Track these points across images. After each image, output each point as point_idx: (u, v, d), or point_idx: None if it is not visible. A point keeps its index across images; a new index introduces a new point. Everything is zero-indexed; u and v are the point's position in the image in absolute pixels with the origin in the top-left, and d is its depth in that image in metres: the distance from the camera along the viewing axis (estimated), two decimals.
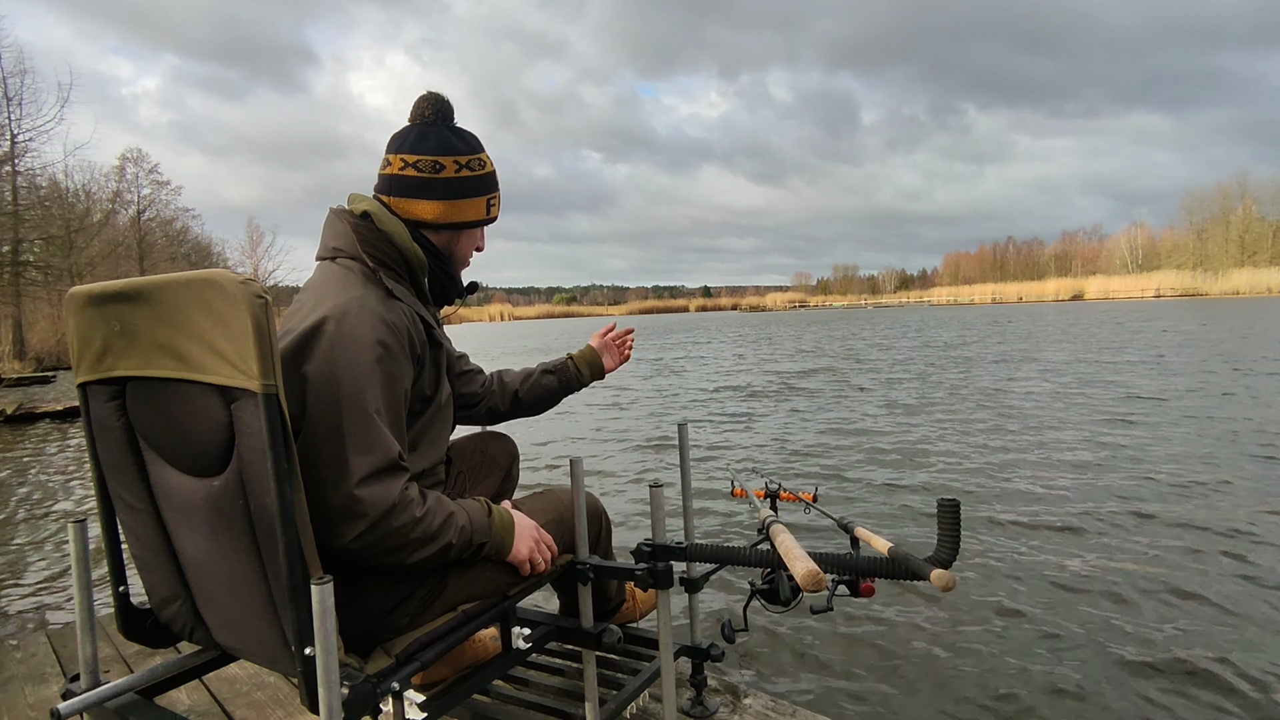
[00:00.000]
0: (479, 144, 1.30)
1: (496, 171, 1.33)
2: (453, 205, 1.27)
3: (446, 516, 1.12)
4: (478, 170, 1.28)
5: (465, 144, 1.27)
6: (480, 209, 1.30)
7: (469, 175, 1.27)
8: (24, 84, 22.95)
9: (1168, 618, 2.75)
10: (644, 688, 1.52)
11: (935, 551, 0.96)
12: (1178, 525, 3.83)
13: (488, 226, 1.38)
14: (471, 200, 1.28)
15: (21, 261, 22.72)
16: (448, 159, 1.25)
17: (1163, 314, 34.10)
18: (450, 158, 1.25)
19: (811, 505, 1.49)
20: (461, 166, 1.26)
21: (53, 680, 1.91)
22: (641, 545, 1.31)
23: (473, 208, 1.29)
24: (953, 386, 10.21)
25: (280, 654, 1.01)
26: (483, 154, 1.30)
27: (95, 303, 1.02)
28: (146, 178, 36.80)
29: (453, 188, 1.26)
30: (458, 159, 1.26)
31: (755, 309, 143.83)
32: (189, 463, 0.99)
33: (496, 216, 1.35)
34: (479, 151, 1.29)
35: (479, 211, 1.30)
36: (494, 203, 1.33)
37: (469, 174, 1.27)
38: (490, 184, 1.31)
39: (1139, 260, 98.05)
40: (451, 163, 1.25)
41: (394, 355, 1.09)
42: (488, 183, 1.31)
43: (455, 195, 1.26)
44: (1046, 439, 6.22)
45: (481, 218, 1.32)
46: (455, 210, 1.27)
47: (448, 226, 1.29)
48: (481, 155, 1.30)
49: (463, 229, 1.31)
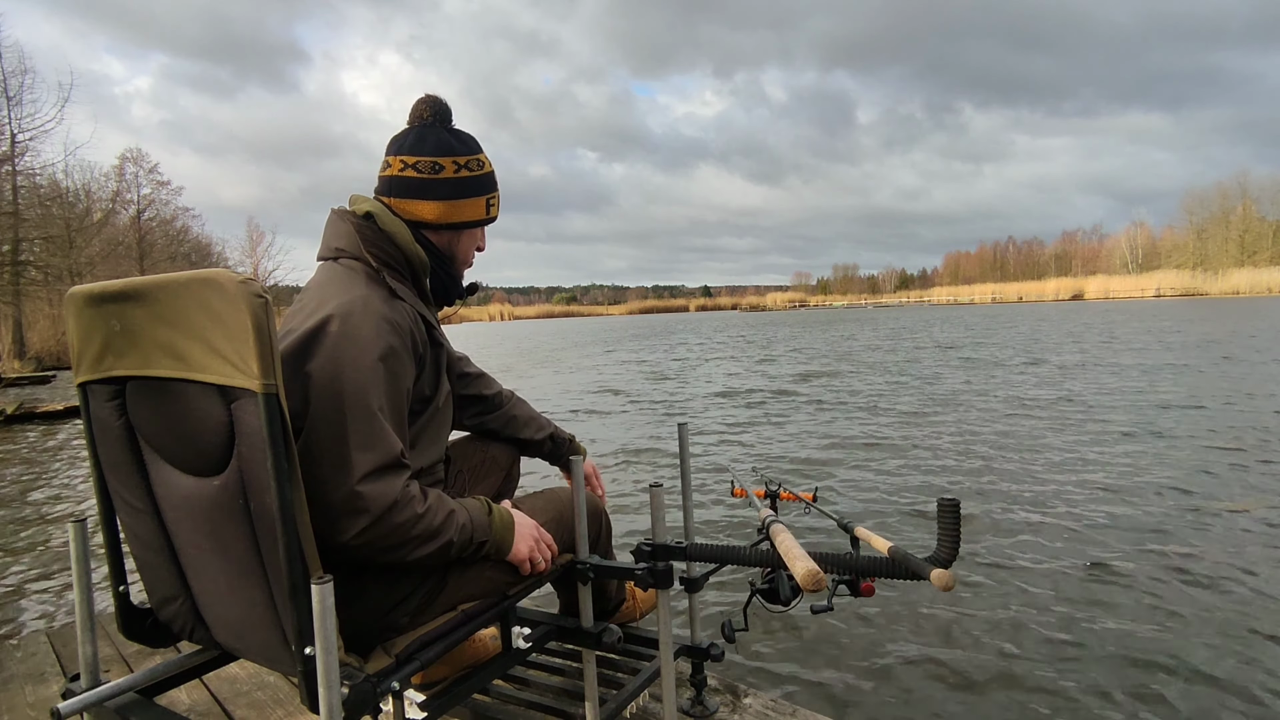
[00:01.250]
0: (477, 145, 1.31)
1: (495, 172, 1.34)
2: (452, 205, 1.27)
3: (447, 514, 1.12)
4: (476, 170, 1.29)
5: (463, 145, 1.28)
6: (480, 209, 1.31)
7: (468, 176, 1.28)
8: (24, 84, 22.99)
9: (1170, 619, 2.75)
10: (644, 687, 1.52)
11: (935, 551, 0.96)
12: (1183, 527, 3.83)
13: (488, 226, 1.38)
14: (470, 200, 1.29)
15: (21, 261, 22.72)
16: (446, 160, 1.26)
17: (1164, 313, 34.11)
18: (449, 158, 1.26)
19: (811, 505, 1.49)
20: (460, 167, 1.27)
21: (53, 680, 1.91)
22: (641, 545, 1.31)
23: (472, 208, 1.30)
24: (953, 387, 10.21)
25: (280, 653, 1.01)
26: (481, 155, 1.31)
27: (95, 302, 1.02)
28: (146, 177, 36.83)
29: (452, 188, 1.27)
30: (456, 159, 1.27)
31: (755, 309, 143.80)
32: (189, 462, 0.99)
33: (496, 216, 1.36)
34: (477, 152, 1.30)
35: (478, 211, 1.31)
36: (493, 202, 1.34)
37: (468, 174, 1.28)
38: (489, 184, 1.32)
39: (1139, 260, 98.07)
40: (450, 163, 1.26)
41: (397, 354, 1.10)
42: (486, 183, 1.32)
43: (454, 195, 1.27)
44: (1050, 440, 6.22)
45: (481, 217, 1.33)
46: (455, 210, 1.28)
47: (448, 227, 1.30)
48: (480, 156, 1.31)
49: (463, 229, 1.32)
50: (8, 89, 22.47)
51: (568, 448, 1.66)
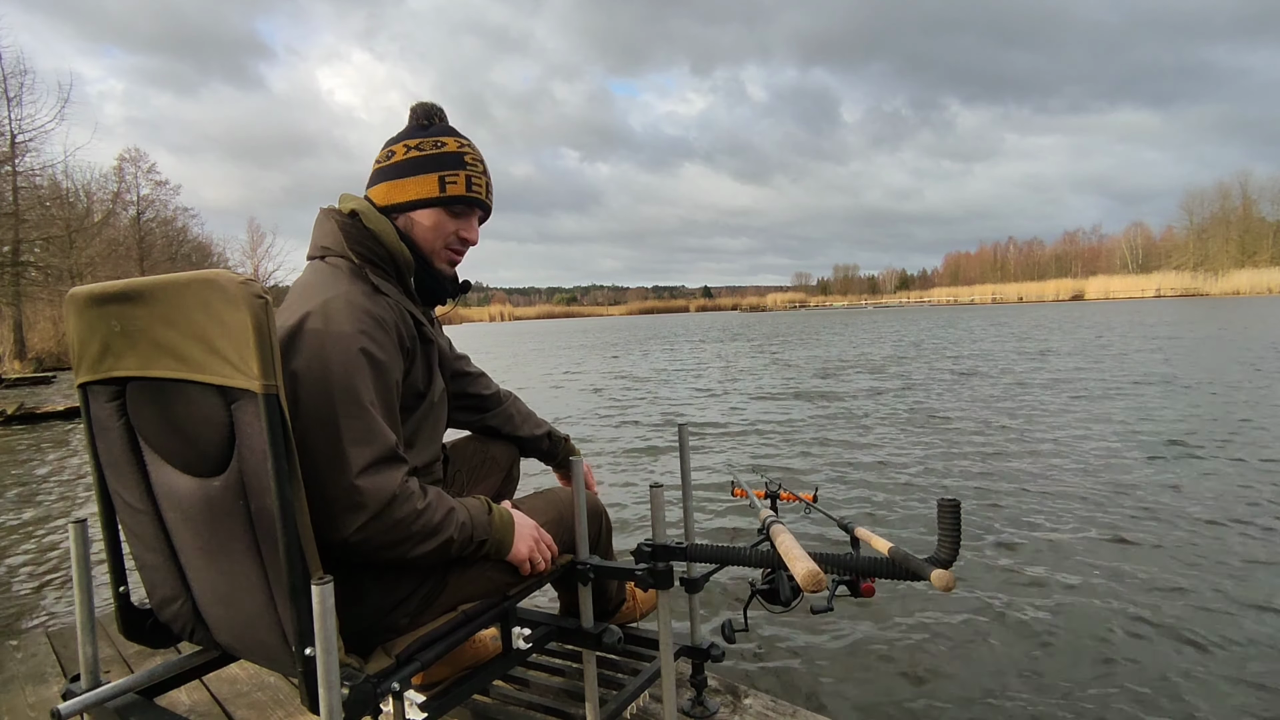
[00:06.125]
0: (449, 132, 1.26)
1: (470, 155, 1.26)
2: (394, 185, 1.23)
3: (448, 511, 1.12)
4: (428, 150, 1.23)
5: (423, 131, 1.26)
6: (429, 185, 1.22)
7: (416, 155, 1.23)
8: (24, 84, 22.99)
9: (1172, 621, 2.75)
10: (644, 688, 1.52)
11: (935, 551, 0.96)
12: (1188, 530, 3.82)
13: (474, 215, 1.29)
14: (415, 178, 1.22)
15: (22, 262, 22.74)
16: (399, 145, 1.25)
17: (1167, 312, 34.11)
18: (402, 143, 1.25)
19: (812, 505, 1.49)
20: (410, 149, 1.24)
21: (53, 680, 1.91)
22: (642, 545, 1.31)
23: (417, 185, 1.22)
24: (954, 388, 10.20)
25: (281, 654, 1.01)
26: (444, 138, 1.24)
27: (95, 303, 1.02)
28: (145, 177, 36.86)
29: (397, 169, 1.24)
30: (408, 143, 1.24)
31: (756, 309, 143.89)
32: (189, 463, 0.99)
33: (463, 195, 1.24)
34: (439, 136, 1.24)
35: (426, 189, 1.23)
36: (452, 180, 1.23)
37: (417, 154, 1.23)
38: (446, 161, 1.23)
39: (1139, 260, 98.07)
40: (401, 148, 1.25)
41: (381, 346, 1.09)
42: (442, 160, 1.23)
43: (398, 175, 1.24)
44: (1051, 440, 6.21)
45: (433, 195, 1.23)
46: (397, 189, 1.23)
47: (395, 209, 1.24)
48: (442, 139, 1.24)
49: (412, 209, 1.24)
50: (7, 89, 22.50)
51: (564, 447, 1.68)
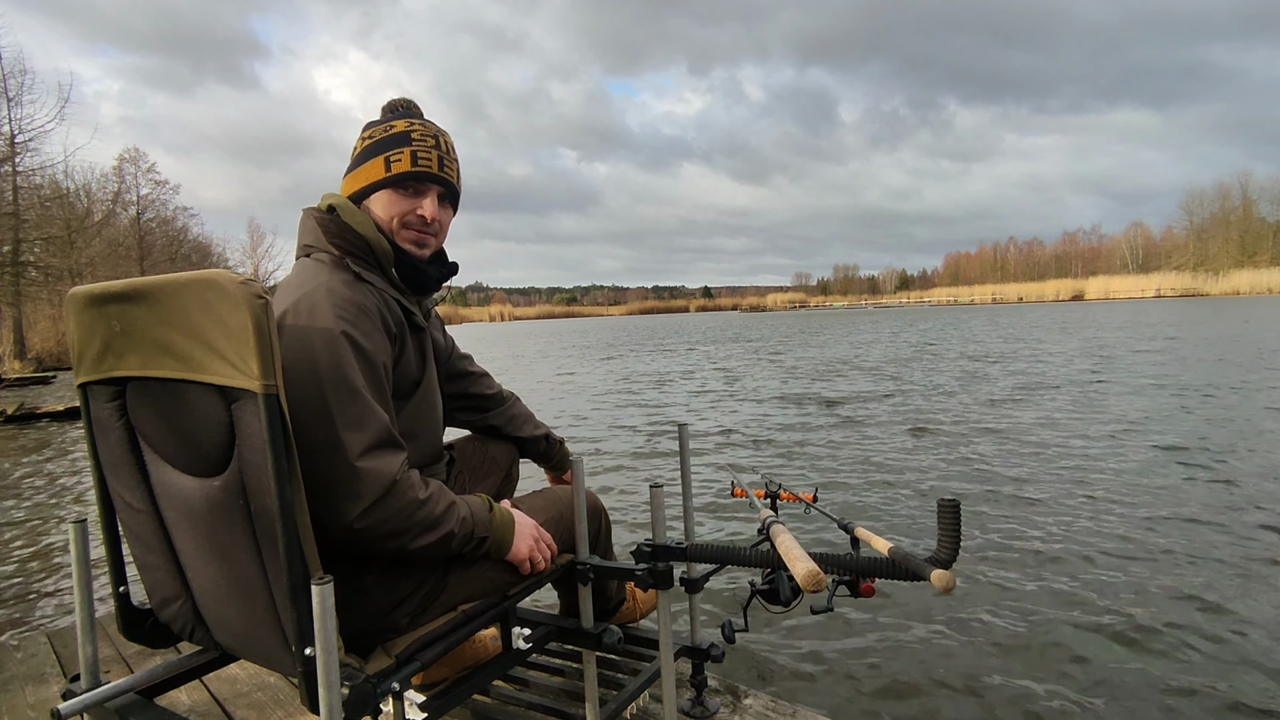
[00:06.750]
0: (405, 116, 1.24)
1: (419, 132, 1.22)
2: (352, 176, 1.24)
3: (449, 505, 1.12)
4: (379, 136, 1.22)
5: (381, 119, 1.26)
6: (376, 168, 1.21)
7: (368, 143, 1.24)
8: (24, 84, 22.99)
9: (1174, 623, 2.75)
10: (644, 688, 1.52)
11: (935, 552, 0.96)
12: (1190, 533, 3.82)
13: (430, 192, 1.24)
14: (366, 164, 1.22)
15: (22, 262, 22.74)
16: (359, 138, 1.25)
17: (1168, 312, 34.10)
18: (360, 136, 1.25)
19: (811, 506, 1.49)
20: (365, 140, 1.24)
21: (53, 680, 1.91)
22: (642, 545, 1.31)
23: (367, 170, 1.22)
24: (954, 390, 10.20)
25: (280, 654, 1.01)
26: (397, 122, 1.22)
27: (95, 303, 1.02)
28: (145, 177, 36.86)
29: (355, 160, 1.25)
30: (365, 134, 1.25)
31: (756, 309, 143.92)
32: (189, 463, 0.99)
33: (407, 170, 1.21)
34: (393, 121, 1.23)
35: (375, 172, 1.21)
36: (396, 158, 1.20)
37: (369, 142, 1.24)
38: (390, 143, 1.21)
39: (1139, 260, 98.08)
40: (360, 140, 1.25)
41: (364, 332, 1.09)
42: (387, 142, 1.21)
43: (355, 166, 1.24)
44: (1052, 441, 6.21)
45: (379, 177, 1.21)
46: (354, 179, 1.24)
47: (356, 198, 1.24)
48: (393, 123, 1.22)
49: (365, 196, 1.23)
50: (7, 89, 22.50)
51: (559, 450, 1.71)
